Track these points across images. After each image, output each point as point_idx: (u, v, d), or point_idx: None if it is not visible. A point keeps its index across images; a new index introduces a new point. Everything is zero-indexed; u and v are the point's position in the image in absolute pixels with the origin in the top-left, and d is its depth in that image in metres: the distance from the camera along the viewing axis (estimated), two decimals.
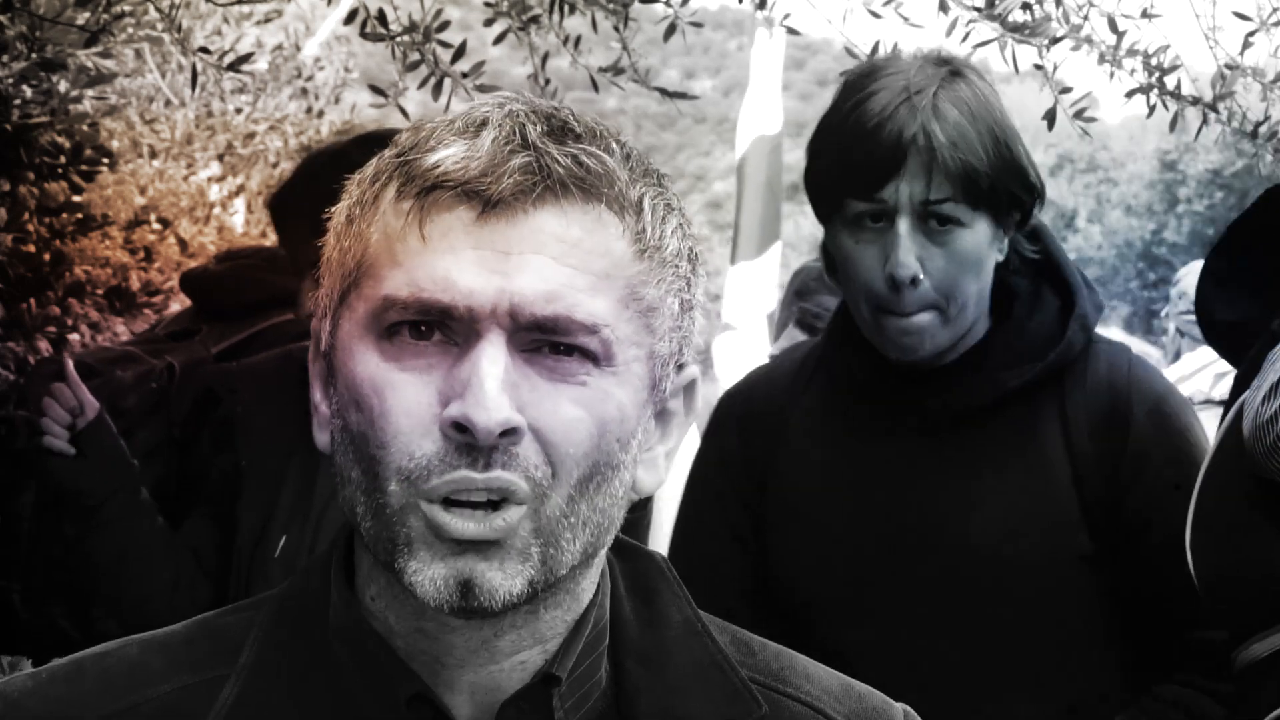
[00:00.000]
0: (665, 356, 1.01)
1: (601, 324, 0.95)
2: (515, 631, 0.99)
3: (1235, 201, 22.94)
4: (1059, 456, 1.87)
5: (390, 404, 0.94)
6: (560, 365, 0.95)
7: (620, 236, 0.97)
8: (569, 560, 0.97)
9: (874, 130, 1.79)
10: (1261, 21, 2.55)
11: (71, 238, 3.71)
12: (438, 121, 1.00)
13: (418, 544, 0.94)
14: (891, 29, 2.46)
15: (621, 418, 0.97)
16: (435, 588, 0.93)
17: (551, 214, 0.95)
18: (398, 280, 0.95)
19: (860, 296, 1.86)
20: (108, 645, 1.07)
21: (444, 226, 0.95)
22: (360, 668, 1.00)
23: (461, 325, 0.94)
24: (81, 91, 3.35)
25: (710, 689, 1.05)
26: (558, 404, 0.94)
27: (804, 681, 1.10)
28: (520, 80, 2.84)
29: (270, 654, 1.03)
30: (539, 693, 1.00)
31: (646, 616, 1.08)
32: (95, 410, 2.29)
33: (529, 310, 0.93)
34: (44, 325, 3.44)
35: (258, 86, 5.39)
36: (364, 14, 2.34)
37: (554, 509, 0.95)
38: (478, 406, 0.91)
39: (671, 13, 2.52)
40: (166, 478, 2.53)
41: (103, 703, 1.01)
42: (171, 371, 2.65)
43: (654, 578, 1.10)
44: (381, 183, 0.99)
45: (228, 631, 1.06)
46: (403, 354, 0.95)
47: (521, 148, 0.95)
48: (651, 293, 0.98)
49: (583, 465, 0.95)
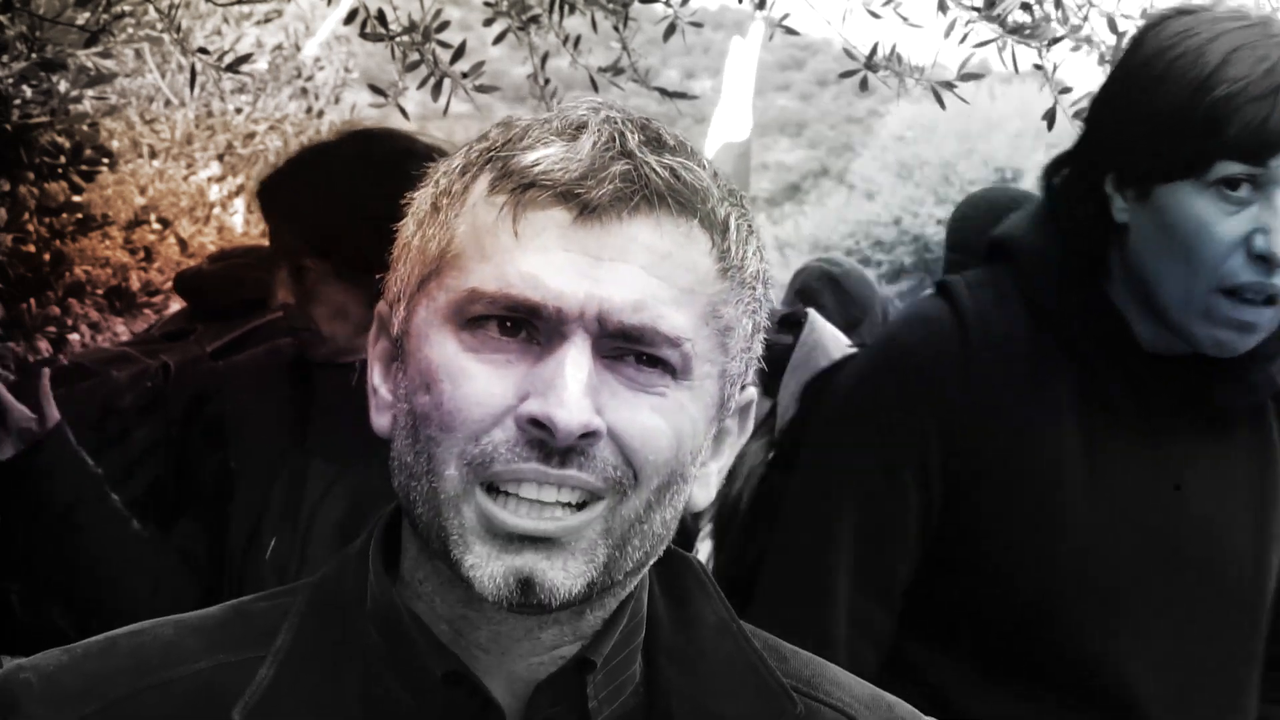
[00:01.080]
0: (734, 376, 1.02)
1: (684, 338, 0.95)
2: (559, 627, 1.00)
3: None
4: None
5: (464, 390, 0.94)
6: (641, 375, 0.95)
7: (707, 254, 0.97)
8: (628, 566, 0.97)
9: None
10: None
11: (71, 238, 3.71)
12: (530, 119, 1.00)
13: (470, 536, 0.94)
14: (891, 29, 2.46)
15: (693, 432, 0.98)
16: (495, 584, 0.93)
17: (645, 224, 0.95)
18: (485, 274, 0.95)
19: (1201, 271, 1.62)
20: (142, 624, 1.07)
21: (538, 225, 0.95)
22: (395, 649, 1.01)
23: (547, 325, 0.94)
24: (81, 91, 3.35)
25: (744, 689, 1.06)
26: (637, 411, 0.95)
27: (835, 688, 1.10)
28: (520, 80, 2.85)
29: (306, 637, 1.04)
30: (573, 679, 1.00)
31: (681, 617, 1.08)
32: (55, 421, 2.28)
33: (616, 317, 0.94)
34: (44, 325, 3.44)
35: (258, 86, 5.39)
36: (364, 14, 2.34)
37: (631, 511, 0.96)
38: (560, 406, 0.91)
39: (671, 13, 2.52)
40: (163, 478, 2.53)
41: (136, 678, 1.02)
42: (166, 371, 2.65)
43: (688, 580, 1.10)
44: (472, 174, 0.99)
45: (264, 615, 1.06)
46: (482, 346, 0.95)
47: (621, 155, 0.95)
48: (730, 312, 0.99)
49: (662, 473, 0.96)
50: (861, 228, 27.11)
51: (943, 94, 2.46)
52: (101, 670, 1.03)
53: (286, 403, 2.28)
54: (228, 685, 1.01)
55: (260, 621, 1.06)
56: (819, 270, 3.65)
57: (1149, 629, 1.73)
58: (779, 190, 42.63)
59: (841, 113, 49.73)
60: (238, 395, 2.36)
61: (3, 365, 3.10)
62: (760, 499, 1.99)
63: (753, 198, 6.00)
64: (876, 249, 26.08)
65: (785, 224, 32.26)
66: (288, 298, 2.24)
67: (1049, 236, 1.80)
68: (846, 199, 29.27)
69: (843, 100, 49.12)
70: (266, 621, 1.05)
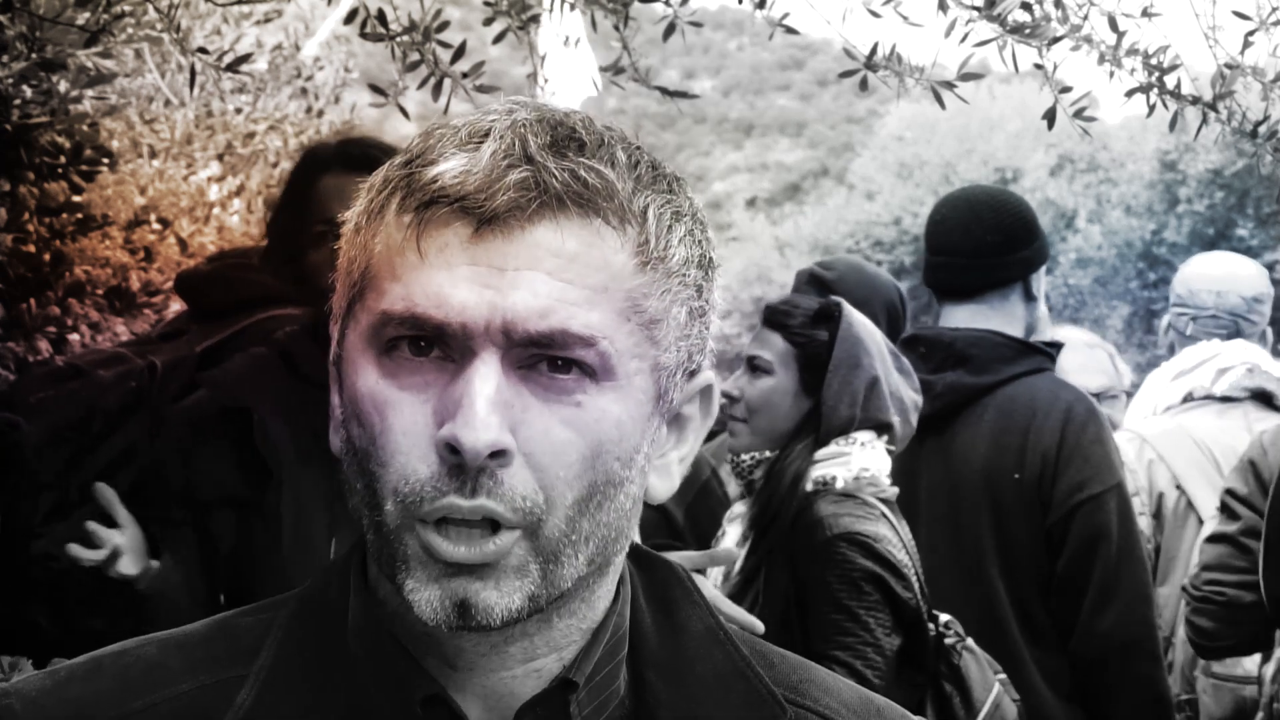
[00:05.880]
0: (672, 367, 1.00)
1: (599, 336, 0.94)
2: (527, 639, 0.99)
3: (1235, 201, 22.94)
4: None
5: (390, 422, 0.94)
6: (555, 383, 0.94)
7: (620, 249, 0.96)
8: (573, 574, 0.96)
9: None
10: (1261, 21, 2.55)
11: (71, 238, 3.71)
12: (446, 129, 0.99)
13: (413, 563, 0.94)
14: (891, 29, 2.46)
15: (620, 436, 0.96)
16: (433, 608, 0.94)
17: (547, 229, 0.94)
18: (395, 295, 0.95)
19: None
20: (126, 644, 1.07)
21: (440, 242, 0.94)
22: (377, 668, 1.01)
23: (456, 342, 0.94)
24: (81, 91, 3.35)
25: (732, 697, 1.05)
26: (549, 426, 0.94)
27: (823, 694, 1.09)
28: (520, 80, 2.84)
29: (288, 654, 1.03)
30: (556, 698, 1.00)
31: (666, 626, 1.07)
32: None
33: (522, 326, 0.93)
34: (44, 325, 3.44)
35: (257, 86, 5.38)
36: (364, 14, 2.34)
37: (553, 530, 0.95)
38: (466, 427, 0.91)
39: (671, 12, 2.52)
40: (143, 476, 2.54)
41: (121, 702, 1.01)
42: (152, 370, 2.66)
43: (672, 587, 1.10)
44: (388, 192, 0.98)
45: (247, 632, 1.06)
46: (400, 370, 0.95)
47: (521, 161, 0.94)
48: (655, 304, 0.97)
49: (575, 487, 0.95)
50: (861, 228, 27.09)
51: (943, 94, 2.46)
52: (85, 695, 1.02)
53: (299, 406, 2.31)
54: (211, 706, 1.01)
55: (245, 638, 1.05)
56: (807, 274, 3.64)
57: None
58: (779, 190, 42.60)
59: (841, 113, 49.71)
60: (249, 401, 2.37)
61: (3, 365, 3.10)
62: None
63: (753, 198, 5.96)
64: (876, 249, 26.06)
65: (785, 224, 32.25)
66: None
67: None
68: (846, 199, 29.25)
69: (843, 100, 49.11)
70: (251, 638, 1.05)
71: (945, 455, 3.12)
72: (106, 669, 1.04)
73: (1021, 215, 3.26)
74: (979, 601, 3.01)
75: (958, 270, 3.24)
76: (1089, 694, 3.03)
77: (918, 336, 3.28)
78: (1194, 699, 3.70)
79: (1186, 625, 3.37)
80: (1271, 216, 21.73)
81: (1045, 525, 3.02)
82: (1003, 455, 3.05)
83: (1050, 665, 3.02)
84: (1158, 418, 3.93)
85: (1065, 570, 3.01)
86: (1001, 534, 3.05)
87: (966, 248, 3.22)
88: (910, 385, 2.82)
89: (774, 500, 2.66)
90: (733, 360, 2.88)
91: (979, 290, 3.22)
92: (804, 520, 2.59)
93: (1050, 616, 3.04)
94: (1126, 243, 23.69)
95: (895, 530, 2.62)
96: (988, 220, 3.22)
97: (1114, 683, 3.00)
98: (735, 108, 54.12)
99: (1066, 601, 3.02)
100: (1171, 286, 4.18)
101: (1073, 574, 3.00)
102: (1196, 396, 3.86)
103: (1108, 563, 2.98)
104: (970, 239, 3.22)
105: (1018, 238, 3.22)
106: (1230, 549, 3.26)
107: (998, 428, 3.08)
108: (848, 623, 2.49)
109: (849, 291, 3.33)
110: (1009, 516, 3.04)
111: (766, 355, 2.77)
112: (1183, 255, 22.76)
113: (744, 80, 57.17)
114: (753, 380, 2.77)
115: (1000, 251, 3.20)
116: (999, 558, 3.04)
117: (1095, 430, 3.06)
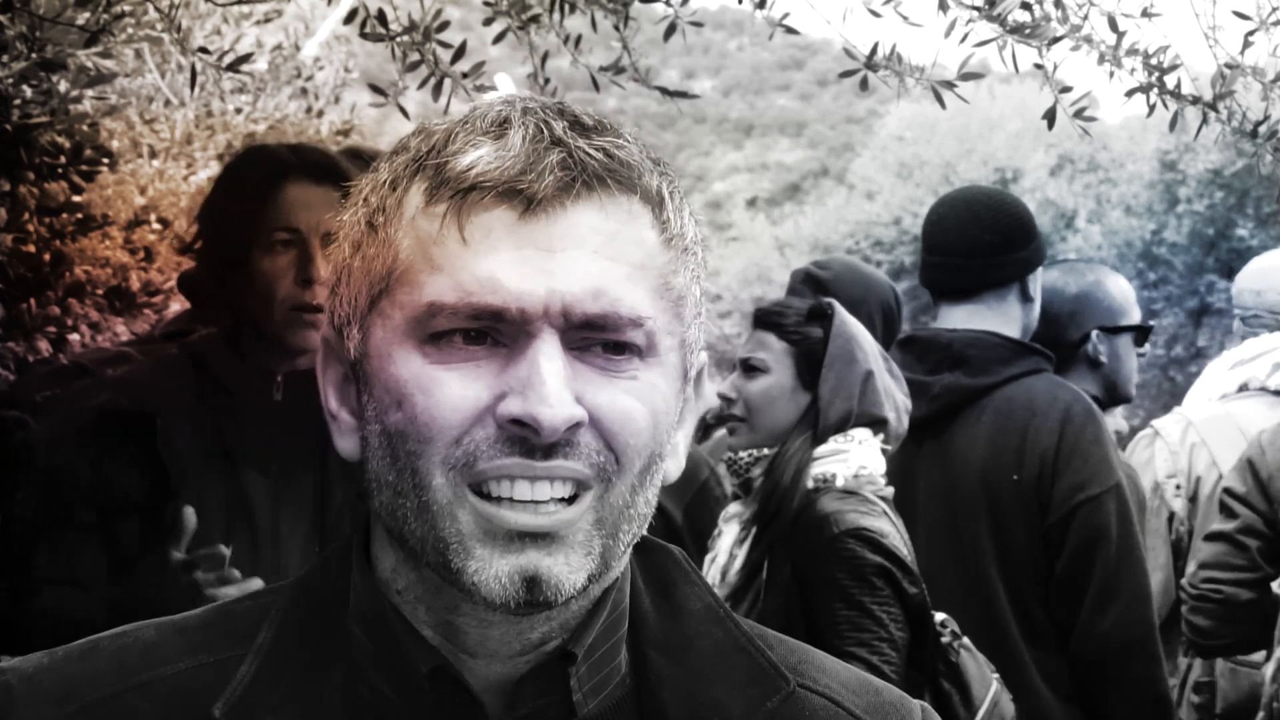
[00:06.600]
0: (692, 343, 1.03)
1: (645, 316, 0.96)
2: (548, 624, 1.00)
3: (1235, 201, 22.93)
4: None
5: (437, 398, 0.95)
6: (610, 364, 0.96)
7: (650, 227, 0.98)
8: (619, 552, 0.99)
9: None
10: (1261, 21, 2.55)
11: (71, 238, 3.71)
12: (450, 124, 0.99)
13: (470, 540, 0.94)
14: (891, 29, 2.46)
15: (666, 408, 0.99)
16: (500, 585, 0.94)
17: (590, 208, 0.96)
18: (440, 285, 0.95)
19: None
20: (125, 627, 1.08)
21: (484, 227, 0.95)
22: (380, 647, 1.01)
23: (512, 327, 0.95)
24: (81, 91, 3.35)
25: (734, 672, 1.06)
26: (615, 395, 0.96)
27: (821, 675, 1.10)
28: (520, 80, 2.85)
29: (287, 635, 1.04)
30: (555, 670, 1.01)
31: (665, 606, 1.08)
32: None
33: (579, 309, 0.94)
34: (44, 325, 3.44)
35: (257, 86, 5.39)
36: (364, 14, 2.34)
37: (618, 498, 0.96)
38: (542, 403, 0.92)
39: (671, 12, 2.52)
40: (49, 477, 2.55)
41: (118, 679, 1.02)
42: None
43: (670, 569, 1.11)
44: (403, 188, 0.99)
45: (246, 615, 1.07)
46: (450, 357, 0.96)
47: (553, 144, 0.96)
48: (679, 281, 1.00)
49: (643, 455, 0.97)
50: (861, 228, 27.08)
51: (943, 94, 2.46)
52: (83, 672, 1.03)
53: (207, 412, 2.32)
54: (209, 684, 1.02)
55: (243, 621, 1.06)
56: (803, 274, 3.64)
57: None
58: (779, 190, 42.60)
59: (841, 113, 49.71)
60: (154, 405, 2.36)
61: (3, 365, 3.10)
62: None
63: (753, 198, 5.97)
64: (876, 249, 26.05)
65: (785, 224, 32.24)
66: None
67: None
68: (846, 199, 29.24)
69: (843, 100, 49.11)
70: (249, 621, 1.06)
71: (943, 457, 3.12)
72: (104, 649, 1.05)
73: (1019, 216, 3.26)
74: (978, 602, 3.01)
75: (954, 270, 3.24)
76: (1088, 694, 3.03)
77: (914, 337, 3.28)
78: (1212, 682, 3.70)
79: (1184, 624, 3.37)
80: (1271, 216, 21.72)
81: (1044, 526, 3.02)
82: (1001, 456, 3.05)
83: (1049, 666, 3.02)
84: (1209, 404, 3.93)
85: (1064, 571, 3.01)
86: (1000, 535, 3.05)
87: (963, 248, 3.22)
88: (900, 389, 2.83)
89: (775, 495, 2.66)
90: (734, 361, 2.88)
91: (976, 290, 3.22)
92: (807, 517, 2.59)
93: (1049, 617, 3.04)
94: (1126, 243, 23.68)
95: (896, 527, 2.63)
96: (985, 220, 3.22)
97: (1113, 683, 3.00)
98: (735, 108, 54.14)
99: (1066, 602, 3.02)
100: (1236, 285, 4.20)
101: (1072, 575, 3.00)
102: (1251, 387, 3.85)
103: (1107, 563, 2.98)
104: (967, 239, 3.22)
105: (1015, 238, 3.22)
106: (1228, 547, 3.27)
107: (996, 429, 3.08)
108: (861, 618, 2.49)
109: (844, 291, 3.33)
110: (1008, 517, 3.04)
111: (762, 355, 2.78)
112: (1182, 255, 22.77)
113: (744, 80, 57.17)
114: (749, 380, 2.78)
115: (997, 252, 3.20)
116: (998, 559, 3.04)
117: (1094, 431, 3.06)
